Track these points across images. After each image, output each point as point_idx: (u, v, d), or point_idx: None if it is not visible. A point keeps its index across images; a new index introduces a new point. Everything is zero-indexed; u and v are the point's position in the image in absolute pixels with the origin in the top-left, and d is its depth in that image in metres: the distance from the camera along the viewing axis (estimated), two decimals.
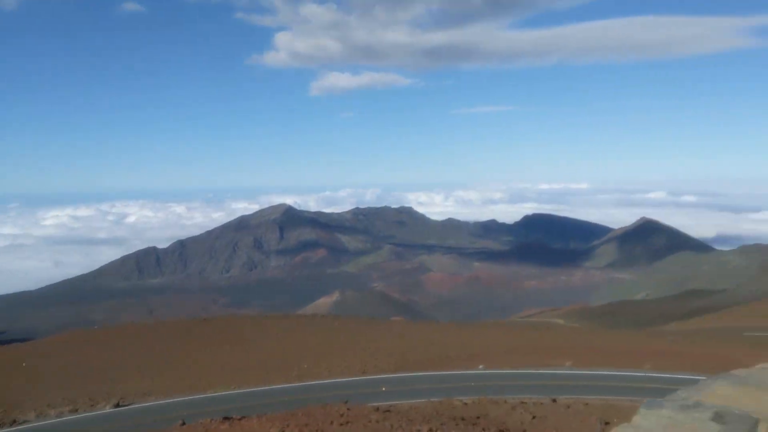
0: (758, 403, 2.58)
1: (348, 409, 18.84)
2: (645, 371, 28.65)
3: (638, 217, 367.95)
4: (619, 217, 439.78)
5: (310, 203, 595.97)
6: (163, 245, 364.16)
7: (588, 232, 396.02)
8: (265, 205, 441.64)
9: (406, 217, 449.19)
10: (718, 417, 2.38)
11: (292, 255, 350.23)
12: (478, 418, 19.40)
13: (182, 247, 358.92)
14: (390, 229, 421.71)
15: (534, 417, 20.01)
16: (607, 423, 19.01)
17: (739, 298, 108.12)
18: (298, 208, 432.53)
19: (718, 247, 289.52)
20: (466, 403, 21.90)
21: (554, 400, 22.95)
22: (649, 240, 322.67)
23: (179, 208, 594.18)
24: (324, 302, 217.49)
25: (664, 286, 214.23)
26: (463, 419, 18.88)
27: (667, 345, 40.78)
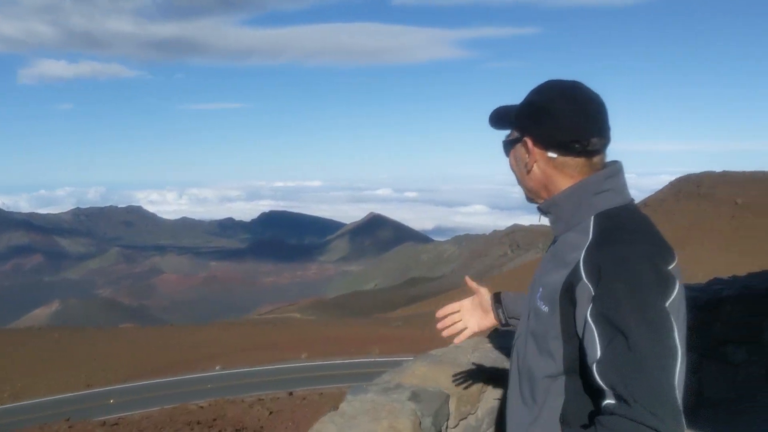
0: (451, 379, 2.88)
1: (69, 426, 17.25)
2: (373, 357, 30.67)
3: (367, 213, 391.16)
4: (350, 213, 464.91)
5: (21, 203, 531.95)
6: None
7: (322, 228, 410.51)
8: None
9: (135, 217, 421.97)
10: (415, 396, 2.62)
11: (0, 262, 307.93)
12: (214, 420, 19.02)
13: None
14: (117, 230, 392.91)
15: (271, 412, 20.22)
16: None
17: (453, 284, 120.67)
18: (6, 210, 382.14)
19: (435, 238, 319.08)
20: (202, 407, 21.33)
21: (291, 394, 23.44)
22: (377, 233, 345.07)
23: None
24: (42, 313, 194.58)
25: (390, 276, 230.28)
26: (198, 423, 18.37)
27: (393, 330, 44.09)
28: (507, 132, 1.74)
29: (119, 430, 17.17)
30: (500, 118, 1.73)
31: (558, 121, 1.55)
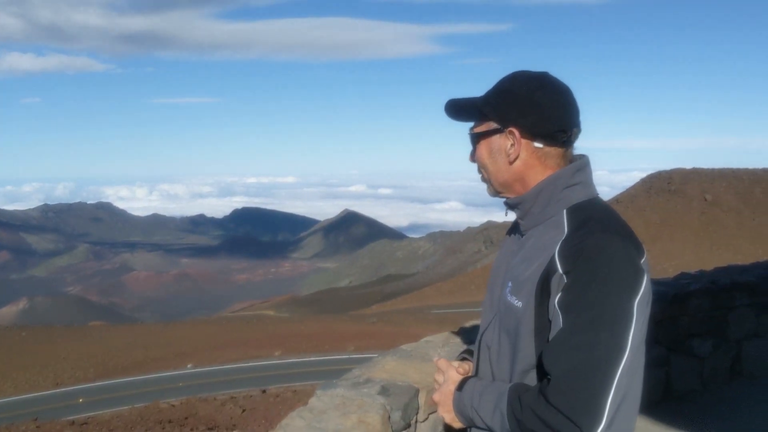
0: (420, 374, 2.88)
1: (38, 426, 16.97)
2: (348, 353, 30.67)
3: (341, 209, 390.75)
4: (324, 209, 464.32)
5: None
6: None
7: (295, 224, 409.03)
8: None
9: (104, 213, 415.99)
10: (384, 390, 2.61)
11: None
12: (186, 418, 18.86)
13: None
14: (86, 226, 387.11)
15: (244, 410, 20.11)
16: None
17: (427, 280, 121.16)
18: None
19: (410, 235, 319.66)
20: (173, 405, 21.12)
21: (264, 391, 23.33)
22: (351, 230, 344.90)
23: None
24: (9, 311, 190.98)
25: (365, 273, 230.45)
26: (170, 422, 18.20)
27: (368, 327, 44.11)
28: (464, 124, 1.71)
29: (89, 429, 16.92)
30: (463, 108, 1.69)
31: (544, 110, 1.56)
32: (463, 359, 1.86)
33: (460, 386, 1.64)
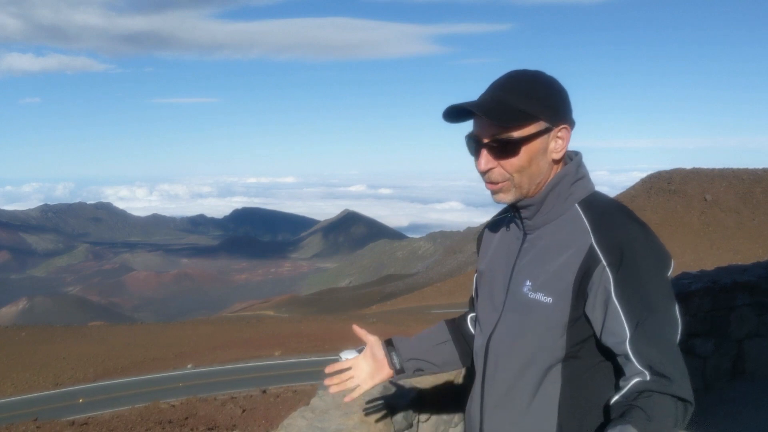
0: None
1: (37, 426, 16.96)
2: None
3: (341, 209, 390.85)
4: (324, 209, 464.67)
5: None
6: None
7: (295, 224, 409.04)
8: None
9: (104, 213, 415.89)
10: (386, 390, 2.60)
11: None
12: (186, 418, 18.86)
13: None
14: (86, 226, 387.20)
15: (244, 410, 20.12)
16: None
17: (427, 280, 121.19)
18: None
19: (410, 235, 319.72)
20: (173, 405, 21.13)
21: (264, 391, 23.34)
22: (351, 230, 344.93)
23: None
24: (8, 311, 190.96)
25: (365, 273, 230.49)
26: (170, 422, 18.19)
27: (368, 327, 44.04)
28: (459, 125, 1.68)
29: (89, 429, 16.91)
30: (510, 111, 1.54)
31: (569, 107, 1.60)
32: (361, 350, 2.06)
33: None
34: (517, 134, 1.54)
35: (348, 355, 1.99)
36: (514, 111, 1.53)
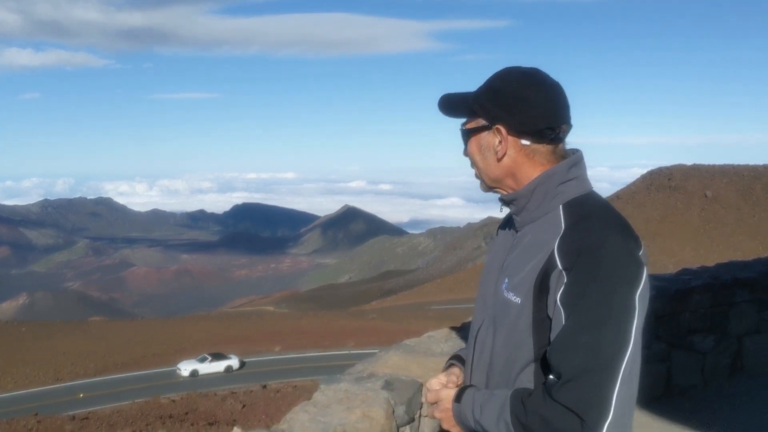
0: (423, 368, 2.89)
1: (38, 421, 16.99)
2: (348, 349, 30.69)
3: (341, 205, 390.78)
4: (324, 205, 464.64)
5: None
6: None
7: (295, 220, 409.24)
8: None
9: (104, 208, 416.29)
10: (388, 385, 2.62)
11: None
12: (186, 413, 18.90)
13: None
14: (86, 222, 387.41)
15: (244, 406, 20.16)
16: None
17: (427, 276, 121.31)
18: None
19: (410, 231, 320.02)
20: (174, 400, 21.18)
21: (264, 387, 23.39)
22: (351, 226, 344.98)
23: None
24: (8, 307, 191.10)
25: (365, 269, 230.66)
26: (170, 417, 18.24)
27: (368, 323, 44.17)
28: (459, 120, 1.71)
29: (89, 424, 16.96)
30: (454, 105, 1.70)
31: (532, 108, 1.56)
32: (451, 365, 1.87)
33: (458, 397, 1.64)
34: (467, 127, 1.67)
35: (187, 366, 1.87)
36: (457, 104, 1.67)
